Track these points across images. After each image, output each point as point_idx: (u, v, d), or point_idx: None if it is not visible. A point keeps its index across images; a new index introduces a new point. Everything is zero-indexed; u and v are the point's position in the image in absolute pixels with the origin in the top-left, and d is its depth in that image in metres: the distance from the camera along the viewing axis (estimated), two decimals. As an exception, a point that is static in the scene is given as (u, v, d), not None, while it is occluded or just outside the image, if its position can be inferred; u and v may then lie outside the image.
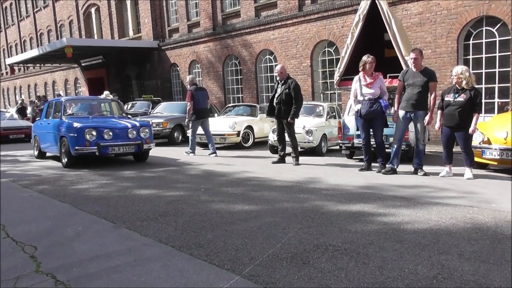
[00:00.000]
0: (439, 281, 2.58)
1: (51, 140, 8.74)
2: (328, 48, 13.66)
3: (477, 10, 9.96)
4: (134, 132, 8.14)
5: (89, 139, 7.66)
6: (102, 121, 8.47)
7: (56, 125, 8.47)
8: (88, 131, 7.68)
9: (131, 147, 8.10)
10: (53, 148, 8.80)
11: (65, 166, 8.08)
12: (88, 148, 7.70)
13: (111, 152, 7.92)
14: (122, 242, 3.53)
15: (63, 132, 8.04)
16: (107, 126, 8.04)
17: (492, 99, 10.27)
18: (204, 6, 17.35)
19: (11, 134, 15.58)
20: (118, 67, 22.93)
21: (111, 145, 7.85)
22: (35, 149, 10.01)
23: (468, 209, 4.28)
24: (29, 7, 31.27)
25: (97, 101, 10.12)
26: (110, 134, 7.89)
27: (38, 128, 9.96)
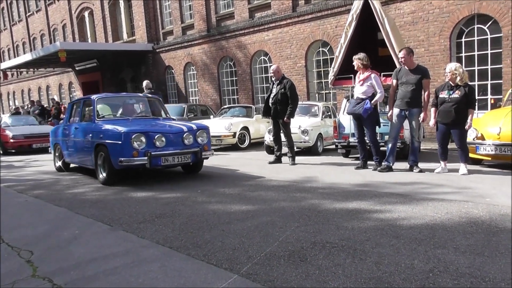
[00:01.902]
0: (435, 275, 2.60)
1: (81, 150, 7.07)
2: (322, 48, 13.70)
3: (468, 8, 10.04)
4: (191, 137, 6.47)
5: (137, 147, 5.98)
6: (149, 124, 6.76)
7: (88, 130, 6.79)
8: (136, 137, 5.99)
9: (187, 156, 6.38)
10: (84, 160, 7.08)
11: (104, 183, 6.40)
12: (136, 160, 6.00)
13: (163, 163, 6.17)
14: (119, 244, 3.53)
15: (100, 139, 6.36)
16: (158, 130, 6.33)
17: (485, 95, 10.34)
18: (198, 8, 17.36)
19: (34, 142, 12.88)
20: (113, 70, 22.88)
21: (164, 154, 6.14)
22: (56, 160, 8.32)
23: (463, 204, 4.31)
24: (21, 11, 31.15)
25: (136, 99, 8.23)
26: (163, 140, 6.18)
27: (60, 135, 8.19)
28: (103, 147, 6.30)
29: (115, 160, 6.07)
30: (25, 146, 12.84)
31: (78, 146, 7.20)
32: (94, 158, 6.56)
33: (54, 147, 8.48)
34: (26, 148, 12.86)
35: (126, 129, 6.10)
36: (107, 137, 6.26)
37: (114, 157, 6.07)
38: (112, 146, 6.12)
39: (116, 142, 6.05)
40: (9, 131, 13.16)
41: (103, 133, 6.38)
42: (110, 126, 6.46)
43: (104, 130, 6.42)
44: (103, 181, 6.43)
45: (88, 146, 6.74)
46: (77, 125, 7.35)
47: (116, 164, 6.09)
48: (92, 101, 7.04)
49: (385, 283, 2.52)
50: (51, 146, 8.68)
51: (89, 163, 6.85)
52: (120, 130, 6.10)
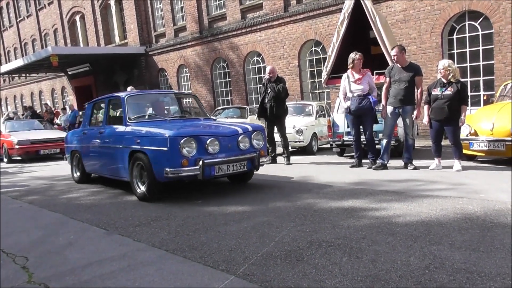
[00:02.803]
0: (431, 271, 2.61)
1: (110, 158, 5.97)
2: (315, 48, 13.74)
3: (459, 5, 10.10)
4: (247, 140, 5.40)
5: (187, 154, 4.86)
6: (196, 126, 5.65)
7: (119, 135, 5.71)
8: (185, 142, 4.87)
9: (243, 163, 5.27)
10: (114, 170, 5.96)
11: (142, 198, 5.27)
12: (185, 170, 4.86)
13: (217, 173, 5.05)
14: (115, 248, 3.51)
15: (137, 145, 5.25)
16: (211, 133, 5.21)
17: (477, 92, 10.41)
18: (190, 10, 17.34)
19: (42, 148, 11.92)
20: (106, 74, 22.81)
21: (218, 162, 5.04)
22: (75, 170, 7.23)
23: (457, 200, 4.33)
24: (12, 17, 30.99)
25: (170, 96, 7.08)
26: (216, 144, 5.08)
27: (79, 141, 6.99)
28: (141, 155, 5.19)
29: (159, 171, 4.94)
30: (32, 152, 11.78)
31: (105, 154, 6.08)
32: (129, 168, 5.44)
33: (71, 155, 7.31)
34: (33, 155, 11.83)
35: (173, 132, 4.95)
36: (147, 142, 5.15)
37: (158, 167, 4.94)
38: (154, 154, 4.99)
39: (160, 148, 4.92)
40: (14, 136, 12.10)
41: (141, 138, 5.25)
42: (149, 129, 5.33)
43: (142, 134, 5.30)
44: (142, 196, 5.26)
45: (119, 154, 5.62)
46: (102, 128, 6.25)
47: (160, 175, 4.95)
48: (121, 99, 5.90)
49: (381, 280, 2.52)
50: (67, 154, 7.57)
51: (122, 175, 5.75)
52: (165, 133, 4.95)
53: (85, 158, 6.80)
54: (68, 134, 7.96)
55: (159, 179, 5.04)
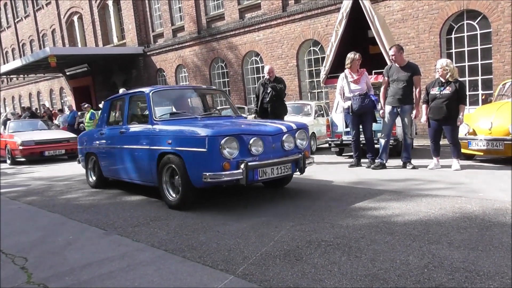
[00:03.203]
0: (430, 270, 2.61)
1: (133, 161, 5.38)
2: (313, 47, 13.74)
3: (457, 4, 10.12)
4: (291, 139, 4.79)
5: (228, 155, 4.25)
6: (234, 124, 5.06)
7: (145, 135, 5.10)
8: (226, 142, 4.25)
9: (288, 166, 4.66)
10: (138, 175, 5.38)
11: (175, 206, 4.70)
12: (227, 174, 4.23)
13: (260, 177, 4.42)
14: (114, 248, 3.51)
15: (168, 146, 4.66)
16: (253, 131, 4.59)
17: (475, 91, 10.43)
18: (188, 10, 17.34)
19: (46, 149, 11.40)
20: (104, 74, 22.79)
21: (263, 165, 4.41)
22: (90, 175, 6.69)
23: (456, 199, 4.34)
24: (10, 17, 30.94)
25: (198, 92, 6.41)
26: (260, 144, 4.45)
27: (95, 142, 6.37)
28: (173, 158, 4.61)
29: (195, 176, 4.36)
30: (36, 153, 11.29)
31: (128, 157, 5.47)
32: (157, 172, 4.88)
33: (86, 157, 6.73)
34: (37, 156, 11.34)
35: (212, 131, 4.37)
36: (181, 143, 4.54)
37: (194, 171, 4.37)
38: (190, 156, 4.41)
39: (198, 150, 4.32)
40: (17, 137, 11.54)
41: (173, 138, 4.64)
42: (182, 127, 4.78)
43: (175, 134, 4.69)
44: (175, 204, 4.69)
45: (145, 156, 5.07)
46: (123, 128, 5.66)
47: (197, 181, 4.38)
48: (145, 96, 5.31)
49: (380, 279, 2.53)
50: (80, 157, 6.98)
51: (147, 180, 5.18)
52: (203, 133, 4.39)
53: (102, 161, 6.20)
54: (82, 135, 7.23)
55: (196, 184, 4.43)
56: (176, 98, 6.02)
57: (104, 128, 6.30)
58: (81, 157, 6.98)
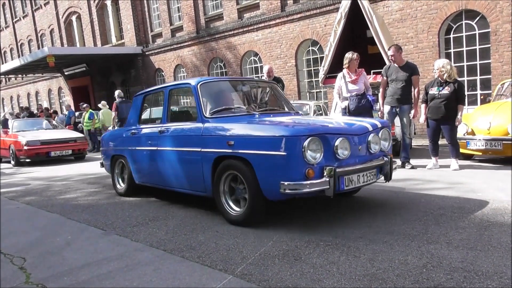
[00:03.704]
0: (428, 270, 2.61)
1: (181, 166, 4.53)
2: (312, 47, 13.75)
3: (456, 4, 10.13)
4: (377, 140, 4.06)
5: (312, 160, 3.43)
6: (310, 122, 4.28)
7: (196, 135, 4.27)
8: (310, 143, 3.43)
9: (373, 172, 3.91)
10: (185, 182, 4.56)
11: (238, 221, 3.86)
12: (311, 183, 3.42)
13: (347, 187, 3.63)
14: (113, 248, 3.50)
15: (230, 148, 3.84)
16: (339, 130, 3.81)
17: (474, 91, 10.44)
18: (187, 10, 17.33)
19: (53, 150, 10.91)
20: (103, 74, 22.77)
21: (350, 172, 3.64)
22: (120, 181, 5.87)
23: (455, 199, 4.34)
24: (8, 17, 30.88)
25: (249, 84, 5.42)
26: (347, 147, 3.68)
27: (128, 143, 5.50)
28: (236, 163, 3.81)
29: (269, 185, 3.56)
30: (42, 154, 10.80)
31: (170, 161, 4.65)
32: (212, 180, 4.08)
33: (112, 161, 5.94)
34: (43, 157, 10.86)
35: (291, 129, 3.59)
36: (247, 145, 3.71)
37: (268, 180, 3.56)
38: (261, 161, 3.58)
39: (273, 153, 3.50)
40: (22, 136, 11.04)
41: (236, 138, 3.83)
42: (246, 126, 3.97)
43: (239, 133, 3.87)
44: (238, 219, 3.87)
45: (195, 160, 4.25)
46: (162, 127, 4.84)
47: (271, 191, 3.58)
48: (192, 89, 4.47)
49: (379, 279, 2.53)
50: (104, 160, 6.20)
51: (197, 188, 4.37)
52: (278, 132, 3.57)
53: (135, 165, 5.39)
54: (107, 135, 6.39)
55: (269, 196, 3.64)
56: (226, 92, 5.13)
57: (136, 127, 5.44)
58: (105, 160, 6.18)
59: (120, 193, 5.81)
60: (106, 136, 6.37)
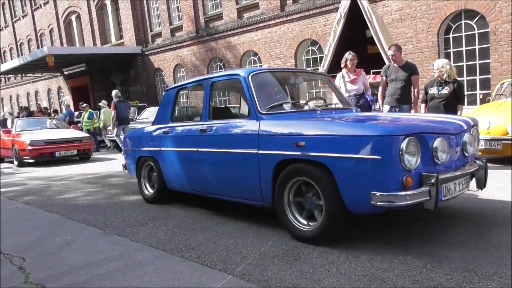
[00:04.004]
0: (428, 270, 2.61)
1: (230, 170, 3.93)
2: (311, 47, 13.75)
3: (455, 4, 10.13)
4: (473, 141, 3.53)
5: (409, 165, 2.85)
6: (398, 117, 3.81)
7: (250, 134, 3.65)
8: (409, 144, 2.84)
9: (467, 178, 3.41)
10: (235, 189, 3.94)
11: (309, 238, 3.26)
12: (411, 194, 2.84)
13: (444, 197, 3.08)
14: (113, 248, 3.50)
15: (298, 150, 3.24)
16: (436, 129, 3.19)
17: (473, 91, 10.44)
18: (186, 10, 17.32)
19: (57, 150, 10.53)
20: (102, 74, 22.76)
21: (450, 179, 3.10)
22: (147, 185, 5.26)
23: (454, 199, 4.32)
24: (8, 17, 30.86)
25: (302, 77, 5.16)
26: (446, 149, 3.10)
27: (159, 143, 4.84)
28: (309, 168, 3.20)
29: (356, 196, 2.97)
30: (46, 154, 10.43)
31: (215, 164, 4.07)
32: (273, 188, 3.46)
33: (138, 163, 5.31)
34: (47, 157, 10.49)
35: (385, 128, 3.04)
36: (325, 146, 3.08)
37: (354, 190, 2.96)
38: (344, 167, 2.98)
39: (361, 156, 2.88)
40: (25, 136, 10.66)
41: (309, 139, 3.19)
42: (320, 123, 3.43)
43: (311, 132, 3.22)
44: (311, 234, 3.24)
45: (250, 164, 3.61)
46: (204, 125, 4.21)
47: (358, 203, 2.99)
48: (242, 80, 3.87)
49: (379, 279, 2.53)
50: (128, 161, 5.63)
51: (253, 197, 3.72)
52: (367, 131, 2.96)
53: (167, 168, 4.77)
54: (131, 134, 5.84)
55: (355, 209, 3.04)
56: (279, 84, 4.54)
57: (168, 125, 4.82)
58: (129, 162, 5.61)
59: (148, 199, 5.17)
60: (130, 135, 5.80)
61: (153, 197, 5.11)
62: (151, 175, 5.22)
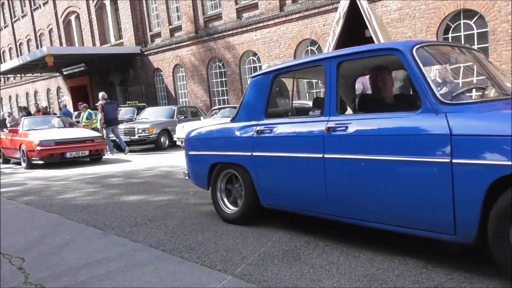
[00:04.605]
0: (428, 270, 2.61)
1: (394, 188, 2.75)
2: (310, 47, 13.75)
3: (454, 4, 10.14)
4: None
5: None
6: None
7: (430, 135, 2.55)
8: None
9: None
10: (409, 212, 2.70)
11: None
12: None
13: None
14: (112, 248, 3.50)
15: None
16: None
17: (473, 90, 10.45)
18: (186, 10, 17.31)
19: (68, 150, 9.81)
20: (101, 74, 22.74)
21: None
22: (225, 201, 4.11)
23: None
24: (7, 17, 30.83)
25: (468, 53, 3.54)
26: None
27: (251, 146, 3.70)
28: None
29: None
30: (56, 155, 9.74)
31: (366, 178, 2.91)
32: (482, 215, 2.37)
33: (212, 172, 4.14)
34: (57, 158, 9.80)
35: None
36: None
37: None
38: None
39: None
40: (34, 135, 10.00)
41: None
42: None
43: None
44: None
45: (432, 178, 2.55)
46: (336, 122, 3.11)
47: None
48: (402, 57, 2.83)
49: (379, 280, 2.53)
50: (196, 170, 4.38)
51: (431, 225, 2.63)
52: None
53: (266, 179, 3.63)
54: (198, 134, 4.38)
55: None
56: (449, 63, 3.66)
57: (262, 122, 3.68)
58: (195, 170, 4.39)
59: (230, 219, 3.98)
60: (198, 135, 4.39)
61: (238, 217, 3.91)
62: (229, 188, 4.09)
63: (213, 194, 4.19)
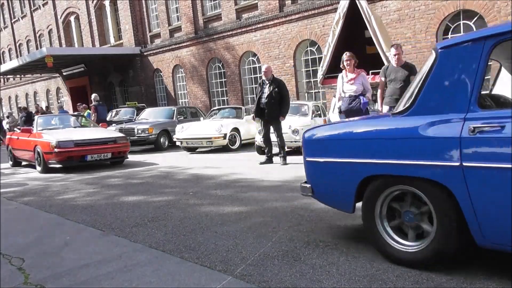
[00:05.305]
0: (428, 270, 2.61)
1: None
2: (310, 48, 13.75)
3: (454, 4, 10.15)
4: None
5: None
6: None
7: None
8: None
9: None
10: None
11: None
12: None
13: None
14: (112, 249, 3.49)
15: None
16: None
17: (472, 91, 10.46)
18: (185, 10, 17.31)
19: (89, 153, 8.69)
20: (101, 74, 22.73)
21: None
22: (390, 233, 2.81)
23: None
24: (7, 18, 30.83)
25: None
26: None
27: (448, 154, 2.40)
28: None
29: None
30: (76, 158, 8.64)
31: None
32: None
33: (362, 188, 2.91)
34: (76, 161, 8.72)
35: None
36: None
37: None
38: None
39: None
40: (50, 136, 8.84)
41: None
42: None
43: None
44: None
45: None
46: None
47: None
48: None
49: (379, 280, 2.53)
50: (331, 184, 3.12)
51: None
52: None
53: (492, 206, 2.34)
54: (340, 131, 3.17)
55: None
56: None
57: (475, 115, 2.42)
58: (334, 184, 3.10)
59: (407, 259, 2.70)
60: (336, 134, 3.17)
61: (425, 258, 2.62)
62: (392, 213, 2.86)
63: (369, 221, 2.92)
